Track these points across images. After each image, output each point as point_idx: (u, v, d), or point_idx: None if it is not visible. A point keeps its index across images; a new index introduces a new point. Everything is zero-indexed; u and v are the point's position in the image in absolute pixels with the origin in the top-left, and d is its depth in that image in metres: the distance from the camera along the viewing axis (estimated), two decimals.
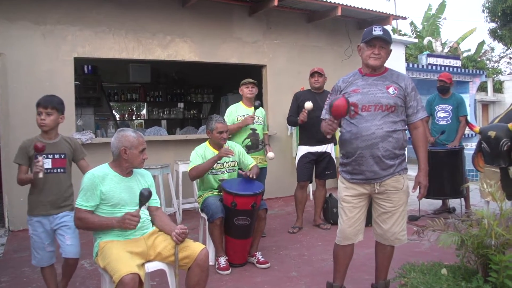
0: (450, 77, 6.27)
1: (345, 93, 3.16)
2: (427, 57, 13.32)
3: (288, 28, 8.17)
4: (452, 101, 6.18)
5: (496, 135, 4.41)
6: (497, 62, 23.79)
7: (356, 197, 3.15)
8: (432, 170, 5.82)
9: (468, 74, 14.77)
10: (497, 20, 20.72)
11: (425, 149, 3.18)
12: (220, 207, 4.22)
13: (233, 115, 5.38)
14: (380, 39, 3.08)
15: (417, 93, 3.19)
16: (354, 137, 3.07)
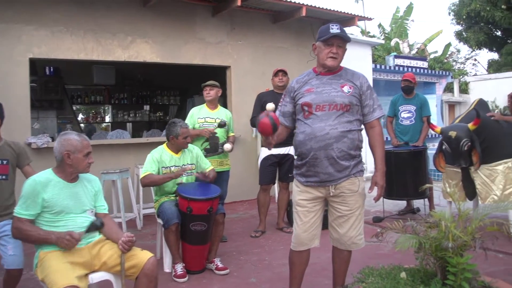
0: (414, 77, 6.26)
1: (299, 93, 3.06)
2: (394, 58, 13.41)
3: (253, 28, 8.07)
4: (415, 101, 6.16)
5: (457, 135, 4.39)
6: (463, 63, 24.19)
7: (311, 201, 3.04)
8: (396, 171, 5.86)
9: (434, 75, 14.95)
10: (462, 22, 21.14)
11: (382, 149, 3.10)
12: (175, 213, 4.06)
13: (194, 117, 5.25)
14: (338, 38, 2.98)
15: (373, 92, 3.11)
16: (307, 138, 2.96)
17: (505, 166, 4.66)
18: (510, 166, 4.68)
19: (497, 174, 4.66)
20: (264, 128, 2.80)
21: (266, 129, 2.80)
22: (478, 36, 20.28)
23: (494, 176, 4.67)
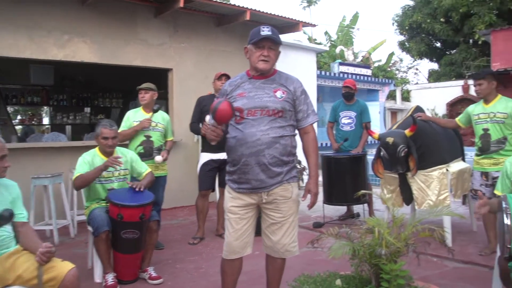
0: (355, 84, 6.32)
1: (231, 97, 2.96)
2: (339, 66, 13.63)
3: (197, 31, 7.93)
4: (356, 107, 6.21)
5: (394, 141, 4.43)
6: (405, 72, 24.98)
7: (243, 208, 2.94)
8: (336, 177, 5.87)
9: (378, 83, 15.31)
10: (405, 33, 21.84)
11: (316, 155, 3.04)
12: (106, 220, 3.86)
13: (130, 120, 5.05)
14: (269, 40, 2.91)
15: (307, 97, 3.06)
16: (239, 144, 2.86)
17: (440, 172, 4.75)
18: (445, 172, 4.77)
19: (433, 180, 4.74)
20: (223, 113, 2.68)
21: (225, 115, 2.69)
22: (419, 47, 21.04)
23: (430, 182, 4.75)
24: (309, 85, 10.40)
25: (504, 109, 4.39)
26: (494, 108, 4.46)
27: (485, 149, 4.48)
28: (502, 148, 4.40)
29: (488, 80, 4.45)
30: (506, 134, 4.41)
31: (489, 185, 4.51)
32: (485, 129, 4.48)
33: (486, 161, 4.50)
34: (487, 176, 4.52)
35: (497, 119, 4.41)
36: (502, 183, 3.13)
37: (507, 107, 4.39)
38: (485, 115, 4.50)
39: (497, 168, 4.39)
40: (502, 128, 4.41)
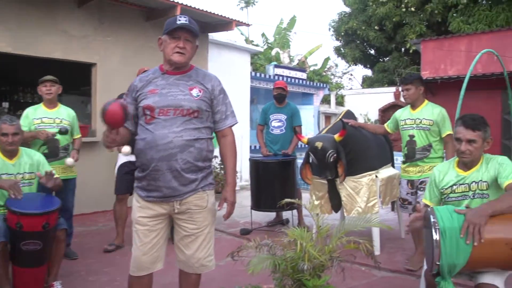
0: (287, 86, 6.13)
1: (141, 94, 2.64)
2: (274, 68, 13.53)
3: (124, 25, 7.48)
4: (287, 110, 6.01)
5: (323, 146, 4.26)
6: (340, 77, 25.42)
7: (153, 219, 2.62)
8: (264, 182, 5.65)
9: (312, 86, 15.36)
10: (341, 39, 22.19)
11: (234, 161, 2.78)
12: (2, 230, 3.40)
13: (29, 118, 4.52)
14: (186, 30, 2.62)
15: (226, 97, 2.80)
16: (148, 147, 2.55)
17: (369, 178, 4.63)
18: (374, 179, 4.67)
19: (362, 186, 4.62)
20: (113, 117, 2.34)
21: (115, 118, 2.35)
22: (354, 53, 21.44)
23: (359, 188, 4.63)
24: (242, 86, 10.19)
25: (430, 116, 4.28)
26: (420, 114, 4.34)
27: (411, 156, 4.37)
28: (426, 156, 4.30)
29: (416, 85, 4.33)
30: (431, 141, 4.30)
31: (414, 192, 4.42)
32: (411, 136, 4.36)
33: (411, 169, 4.39)
34: (412, 184, 4.42)
35: (422, 126, 4.29)
36: (430, 192, 3.00)
37: (433, 114, 4.28)
38: (411, 121, 4.38)
39: (422, 176, 4.30)
40: (428, 135, 4.29)
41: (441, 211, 2.45)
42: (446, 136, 4.27)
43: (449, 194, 2.87)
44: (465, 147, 2.74)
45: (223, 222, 6.51)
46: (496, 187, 2.71)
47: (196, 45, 2.75)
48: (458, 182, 2.84)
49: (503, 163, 2.71)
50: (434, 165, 4.17)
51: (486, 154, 2.85)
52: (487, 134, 2.79)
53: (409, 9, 17.95)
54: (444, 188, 2.89)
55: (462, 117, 2.82)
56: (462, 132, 2.76)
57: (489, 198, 2.71)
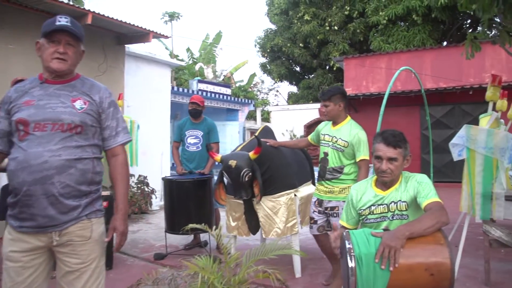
0: (203, 100, 5.80)
1: (15, 106, 2.22)
2: (198, 83, 13.21)
3: (29, 32, 6.86)
4: (203, 126, 5.67)
5: (237, 164, 3.96)
6: (266, 94, 25.53)
7: (28, 253, 2.18)
8: (178, 202, 5.27)
9: (237, 102, 15.18)
10: (267, 55, 22.30)
11: (125, 184, 2.41)
12: None
13: None
14: (67, 33, 2.24)
15: (117, 110, 2.43)
16: (20, 167, 2.12)
17: (288, 197, 4.39)
18: (293, 197, 4.43)
19: (280, 206, 4.36)
20: None
21: None
22: (280, 70, 21.60)
23: (277, 208, 4.36)
24: (163, 101, 9.77)
25: (347, 137, 3.94)
26: (338, 132, 4.01)
27: (321, 175, 4.06)
28: (336, 178, 3.96)
29: (334, 102, 3.99)
30: (344, 164, 3.93)
31: (322, 211, 4.09)
32: (325, 153, 4.05)
33: (321, 188, 4.08)
34: (320, 203, 4.09)
35: (337, 146, 3.96)
36: (347, 212, 2.78)
37: (350, 135, 3.94)
38: (329, 137, 4.06)
39: (329, 197, 3.99)
40: (341, 157, 3.92)
41: (357, 235, 2.22)
42: (360, 161, 3.88)
43: (367, 216, 2.65)
44: (386, 165, 2.54)
45: (137, 246, 6.09)
46: (415, 207, 2.53)
47: (82, 50, 2.38)
48: (376, 203, 2.63)
49: (422, 181, 2.54)
50: (345, 188, 3.94)
51: (404, 172, 2.67)
52: (407, 151, 2.62)
53: (333, 27, 18.36)
54: (362, 209, 2.68)
55: (382, 133, 2.61)
56: (383, 150, 2.56)
57: (409, 219, 2.52)
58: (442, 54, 12.88)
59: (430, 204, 2.38)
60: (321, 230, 4.14)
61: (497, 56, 12.09)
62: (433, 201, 2.39)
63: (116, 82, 8.22)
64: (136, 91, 8.97)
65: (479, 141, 3.88)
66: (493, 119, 4.01)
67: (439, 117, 12.64)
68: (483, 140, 3.85)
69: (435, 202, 2.38)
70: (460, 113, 12.55)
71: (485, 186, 3.91)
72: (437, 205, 2.35)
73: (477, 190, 3.96)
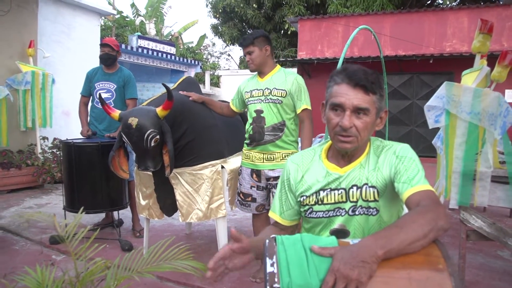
0: (117, 44, 4.57)
1: None
2: (138, 39, 11.86)
3: None
4: (117, 78, 4.49)
5: (139, 123, 2.87)
6: (218, 58, 24.21)
7: None
8: (78, 172, 4.14)
9: (183, 63, 13.93)
10: (219, 16, 20.93)
11: None
12: None
13: None
14: None
15: None
16: None
17: (213, 169, 3.35)
18: (220, 170, 3.40)
19: (203, 181, 3.32)
20: None
21: None
22: (232, 32, 20.31)
23: (199, 184, 3.32)
24: (91, 54, 8.43)
25: (282, 85, 3.13)
26: (270, 83, 3.17)
27: (257, 138, 3.17)
28: (279, 137, 3.14)
29: (259, 46, 3.16)
30: (284, 119, 3.17)
31: (261, 187, 3.27)
32: (258, 111, 3.18)
33: (257, 155, 3.21)
34: (258, 175, 3.25)
35: (273, 98, 3.13)
36: (281, 199, 1.76)
37: (286, 82, 3.13)
38: (259, 92, 3.20)
39: (271, 166, 3.17)
40: (280, 110, 3.14)
41: (289, 247, 1.20)
42: (302, 111, 3.14)
43: (312, 206, 1.63)
44: (350, 120, 1.49)
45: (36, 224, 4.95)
46: (391, 197, 1.55)
47: None
48: (328, 186, 1.60)
49: (404, 155, 1.52)
50: (288, 153, 3.16)
51: (374, 138, 1.67)
52: (382, 102, 1.56)
53: None
54: (304, 195, 1.65)
55: (346, 69, 1.55)
56: (347, 94, 1.50)
57: (380, 217, 1.56)
58: (403, 19, 12.03)
59: (417, 195, 1.38)
60: (260, 210, 3.34)
61: (459, 24, 11.39)
62: (422, 189, 1.39)
63: (26, 26, 6.88)
64: (55, 40, 7.65)
65: (463, 103, 2.92)
66: (482, 76, 3.04)
67: (397, 86, 11.87)
68: (468, 103, 2.90)
69: (425, 192, 1.38)
70: (418, 83, 11.81)
71: (466, 162, 2.98)
72: (429, 198, 1.35)
73: (455, 167, 3.02)
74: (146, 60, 12.22)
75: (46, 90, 6.80)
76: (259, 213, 3.35)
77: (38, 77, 6.69)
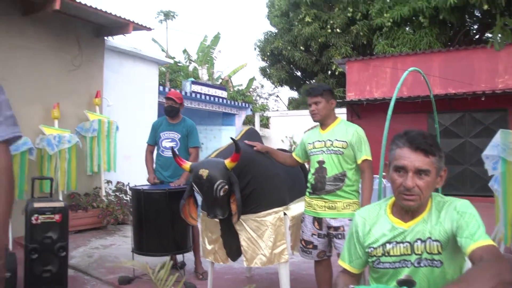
0: (181, 97, 4.93)
1: None
2: (191, 84, 12.39)
3: None
4: (181, 128, 4.81)
5: (209, 174, 3.12)
6: (266, 99, 24.71)
7: None
8: (147, 218, 4.42)
9: (234, 106, 14.37)
10: (267, 59, 21.48)
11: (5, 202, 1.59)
12: None
13: None
14: None
15: None
16: None
17: (276, 216, 3.53)
18: (282, 217, 3.58)
19: (266, 227, 3.51)
20: None
21: None
22: (280, 74, 20.75)
23: (263, 230, 3.51)
24: (148, 101, 8.94)
25: (343, 136, 3.31)
26: (332, 134, 3.36)
27: (319, 188, 3.34)
28: (339, 188, 3.29)
29: (326, 98, 3.38)
30: (345, 169, 3.32)
31: (322, 235, 3.40)
32: (320, 162, 3.35)
33: (319, 203, 3.36)
34: (320, 223, 3.39)
35: (334, 149, 3.31)
36: (350, 250, 1.94)
37: (347, 134, 3.31)
38: (321, 143, 3.39)
39: (333, 214, 3.30)
40: (341, 161, 3.31)
41: None
42: (362, 162, 3.30)
43: (379, 257, 1.81)
44: (413, 181, 1.68)
45: (104, 265, 5.24)
46: (453, 250, 1.69)
47: None
48: (394, 239, 1.78)
49: (465, 211, 1.67)
50: (350, 203, 3.28)
51: (435, 194, 1.82)
52: (442, 162, 1.75)
53: (335, 30, 17.54)
54: (372, 246, 1.83)
55: (407, 134, 1.77)
56: (409, 157, 1.71)
57: (444, 268, 1.69)
58: (451, 58, 12.02)
59: (479, 249, 1.51)
60: (321, 256, 3.47)
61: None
62: (484, 244, 1.52)
63: (94, 78, 7.42)
64: (118, 89, 8.16)
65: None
66: None
67: (448, 125, 11.78)
68: None
69: (488, 247, 1.51)
70: (470, 121, 11.68)
71: None
72: (492, 253, 1.48)
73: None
74: (199, 104, 12.69)
75: (110, 136, 7.27)
76: (321, 259, 3.48)
77: (103, 125, 7.18)
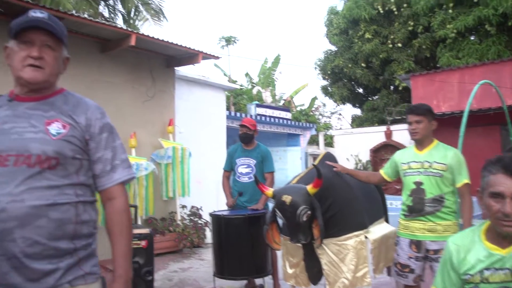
0: (255, 123, 5.06)
1: None
2: (256, 107, 12.63)
3: (75, 57, 6.48)
4: (256, 154, 4.93)
5: (292, 201, 3.18)
6: (329, 117, 24.62)
7: None
8: (227, 243, 4.56)
9: (298, 127, 14.48)
10: (328, 78, 21.46)
11: (126, 240, 1.71)
12: None
13: None
14: (43, 32, 1.63)
15: (114, 136, 1.77)
16: None
17: (357, 240, 3.53)
18: (364, 240, 3.58)
19: (348, 251, 3.52)
20: None
21: None
22: (342, 92, 20.64)
23: (344, 254, 3.52)
24: (217, 126, 9.19)
25: (443, 159, 3.29)
26: (430, 156, 3.35)
27: (418, 210, 3.33)
28: (438, 210, 3.28)
29: (428, 119, 3.37)
30: (444, 192, 3.29)
31: (420, 258, 3.37)
32: (417, 183, 3.35)
33: (417, 225, 3.35)
34: (418, 246, 3.37)
35: (433, 171, 3.29)
36: (444, 276, 1.93)
37: (446, 157, 3.29)
38: (417, 164, 3.38)
39: (433, 237, 3.28)
40: (439, 183, 3.29)
41: None
42: (462, 186, 3.29)
43: (478, 285, 1.80)
44: (511, 207, 1.68)
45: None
46: None
47: (66, 57, 1.74)
48: (492, 266, 1.77)
49: None
50: (449, 225, 3.26)
51: None
52: None
53: (396, 45, 17.32)
54: (468, 274, 1.82)
55: (500, 160, 1.77)
56: (506, 183, 1.71)
57: None
58: None
59: None
60: (417, 281, 3.43)
61: None
62: None
63: (166, 107, 7.75)
64: (188, 116, 8.45)
65: None
66: None
67: None
68: None
69: None
70: None
71: None
72: None
73: None
74: (264, 126, 12.89)
75: (184, 163, 7.55)
76: (415, 284, 3.44)
77: (177, 152, 7.47)
